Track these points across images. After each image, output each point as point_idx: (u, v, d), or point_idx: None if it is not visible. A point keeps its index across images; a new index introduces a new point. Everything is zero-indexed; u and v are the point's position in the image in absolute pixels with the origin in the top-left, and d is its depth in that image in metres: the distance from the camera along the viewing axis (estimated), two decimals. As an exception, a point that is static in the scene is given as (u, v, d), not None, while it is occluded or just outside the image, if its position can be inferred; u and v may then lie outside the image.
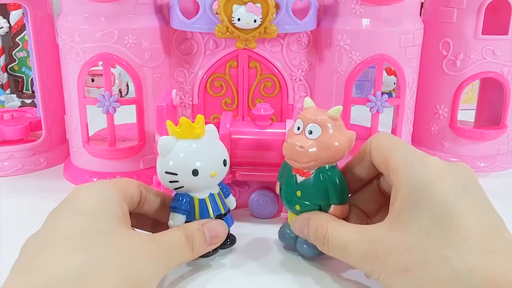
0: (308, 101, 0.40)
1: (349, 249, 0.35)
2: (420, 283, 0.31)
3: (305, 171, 0.38)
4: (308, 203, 0.39)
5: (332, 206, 0.38)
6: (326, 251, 0.37)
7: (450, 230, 0.31)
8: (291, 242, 0.42)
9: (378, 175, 0.39)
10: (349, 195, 0.40)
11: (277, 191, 0.42)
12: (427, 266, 0.31)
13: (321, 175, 0.38)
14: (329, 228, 0.36)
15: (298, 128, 0.38)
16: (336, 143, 0.37)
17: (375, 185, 0.40)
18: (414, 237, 0.32)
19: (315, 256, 0.40)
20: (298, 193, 0.39)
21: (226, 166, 0.39)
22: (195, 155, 0.38)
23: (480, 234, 0.31)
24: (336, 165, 0.39)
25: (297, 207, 0.39)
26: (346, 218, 0.39)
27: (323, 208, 0.39)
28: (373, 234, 0.34)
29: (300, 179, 0.39)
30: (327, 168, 0.38)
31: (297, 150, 0.37)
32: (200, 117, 0.38)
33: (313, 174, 0.38)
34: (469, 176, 0.34)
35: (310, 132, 0.37)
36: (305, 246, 0.40)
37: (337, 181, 0.38)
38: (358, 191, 0.41)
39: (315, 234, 0.37)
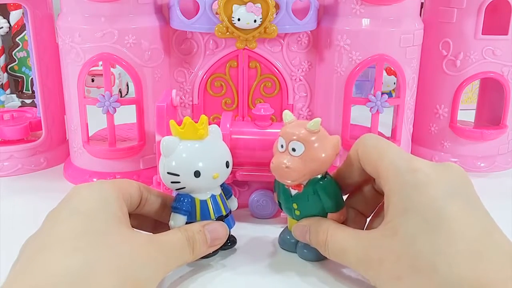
0: (287, 115, 0.39)
1: (347, 254, 0.36)
2: None
3: (295, 185, 0.38)
4: (305, 215, 0.39)
5: (329, 214, 0.39)
6: (327, 255, 0.38)
7: (438, 235, 0.31)
8: (291, 248, 0.42)
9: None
10: (345, 198, 0.40)
11: (275, 200, 0.42)
12: (417, 273, 0.31)
13: (312, 187, 0.38)
14: (329, 234, 0.37)
15: (282, 146, 0.38)
16: (323, 155, 0.37)
17: (369, 185, 0.40)
18: (404, 244, 0.32)
19: (315, 260, 0.41)
20: (294, 206, 0.39)
21: (229, 168, 0.39)
22: (197, 156, 0.38)
23: (468, 239, 0.31)
24: (327, 173, 0.39)
25: (297, 213, 0.40)
26: (344, 221, 0.39)
27: (321, 215, 0.39)
28: (367, 241, 0.35)
29: (293, 192, 0.39)
30: (318, 178, 0.38)
31: (283, 169, 0.37)
32: (203, 118, 0.38)
33: (305, 187, 0.38)
34: (458, 177, 0.34)
35: (294, 150, 0.37)
36: (305, 250, 0.41)
37: (330, 190, 0.38)
38: (353, 193, 0.41)
39: (316, 240, 0.38)
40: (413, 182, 0.33)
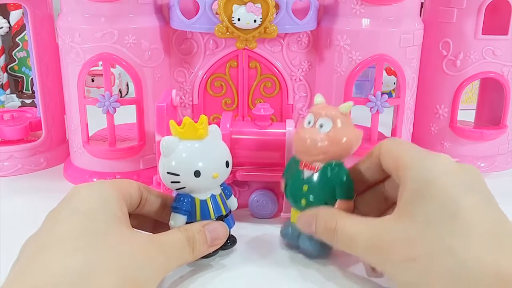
0: (319, 98, 0.41)
1: (356, 240, 0.35)
2: (425, 272, 0.31)
3: (312, 165, 0.39)
4: (314, 199, 0.39)
5: (338, 201, 0.39)
6: (335, 244, 0.37)
7: (456, 221, 0.31)
8: (293, 240, 0.42)
9: (383, 180, 0.40)
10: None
11: (282, 188, 0.42)
12: (432, 255, 0.31)
13: (328, 169, 0.38)
14: (338, 222, 0.37)
15: (309, 122, 0.39)
16: (345, 139, 0.38)
17: (379, 189, 0.40)
18: (420, 227, 0.32)
19: (318, 252, 0.40)
20: (305, 188, 0.39)
21: (229, 168, 0.39)
22: (197, 156, 0.38)
23: (486, 228, 0.31)
24: (343, 162, 0.39)
25: (303, 202, 0.39)
26: None
27: (329, 203, 0.39)
28: (379, 225, 0.35)
29: (307, 174, 0.39)
30: (334, 163, 0.38)
31: (308, 142, 0.38)
32: (203, 118, 0.38)
33: (320, 169, 0.39)
34: (477, 176, 0.34)
35: (321, 126, 0.38)
36: (308, 242, 0.40)
37: (344, 177, 0.38)
38: (361, 194, 0.41)
39: (324, 228, 0.37)
40: (434, 171, 0.33)
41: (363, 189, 0.41)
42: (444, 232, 0.31)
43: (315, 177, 0.39)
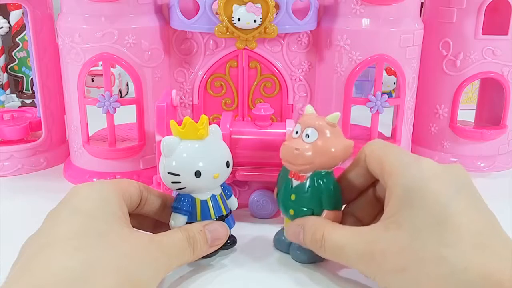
0: (309, 108, 0.40)
1: (345, 251, 0.35)
2: (416, 281, 0.31)
3: (300, 174, 0.39)
4: (301, 208, 0.39)
5: (325, 211, 0.39)
6: (323, 254, 0.37)
7: (445, 228, 0.31)
8: (285, 248, 0.42)
9: (374, 182, 0.40)
10: (345, 205, 0.40)
11: (275, 196, 0.42)
12: (423, 264, 0.31)
13: (315, 179, 0.38)
14: (325, 232, 0.37)
15: (296, 133, 0.39)
16: (333, 149, 0.38)
17: (370, 192, 0.40)
18: (409, 236, 0.32)
19: (309, 262, 0.40)
20: (293, 197, 0.39)
21: (229, 168, 0.39)
22: (198, 156, 0.38)
23: (474, 232, 0.31)
24: (332, 172, 0.39)
25: (291, 212, 0.40)
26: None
27: (316, 213, 0.39)
28: (368, 235, 0.35)
29: (295, 183, 0.39)
30: (322, 173, 0.38)
31: (293, 152, 0.38)
32: (204, 118, 0.38)
33: (308, 179, 0.38)
34: (462, 176, 0.34)
35: (307, 136, 0.38)
36: (298, 252, 0.40)
37: (331, 187, 0.38)
38: (355, 200, 0.41)
39: (311, 238, 0.37)
40: (419, 177, 0.33)
41: (356, 194, 0.41)
42: (433, 240, 0.31)
43: (303, 186, 0.39)
